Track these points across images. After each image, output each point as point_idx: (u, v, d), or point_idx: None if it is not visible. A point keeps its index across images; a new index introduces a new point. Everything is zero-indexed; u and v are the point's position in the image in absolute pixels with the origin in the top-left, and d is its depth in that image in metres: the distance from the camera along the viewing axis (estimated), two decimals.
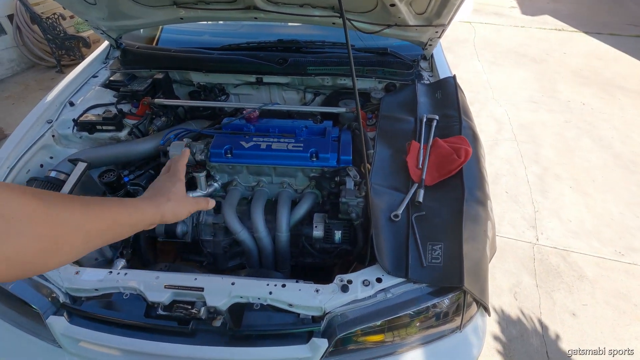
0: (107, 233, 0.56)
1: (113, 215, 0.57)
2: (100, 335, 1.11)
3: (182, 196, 0.74)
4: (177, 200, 0.72)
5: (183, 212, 0.73)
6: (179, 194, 0.74)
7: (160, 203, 0.69)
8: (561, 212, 2.61)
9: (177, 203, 0.72)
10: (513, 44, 5.35)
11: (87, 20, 1.84)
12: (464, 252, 1.14)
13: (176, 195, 0.73)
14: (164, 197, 0.71)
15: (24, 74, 4.71)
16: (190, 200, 0.77)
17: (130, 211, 0.61)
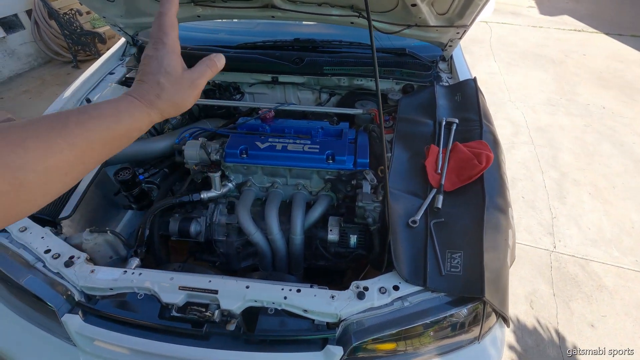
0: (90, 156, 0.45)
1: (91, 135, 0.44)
2: (115, 335, 1.10)
3: (176, 77, 0.52)
4: (177, 87, 0.52)
5: (189, 99, 0.54)
6: (172, 75, 0.52)
7: (155, 100, 0.50)
8: (580, 219, 2.53)
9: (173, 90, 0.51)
10: (531, 44, 5.23)
11: (105, 17, 1.84)
12: (485, 261, 1.11)
13: (169, 79, 0.51)
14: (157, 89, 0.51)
15: (41, 69, 4.78)
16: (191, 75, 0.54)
17: (123, 121, 0.47)
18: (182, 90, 0.52)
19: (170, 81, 0.51)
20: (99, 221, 1.57)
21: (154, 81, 0.51)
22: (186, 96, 0.53)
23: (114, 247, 1.38)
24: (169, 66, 0.51)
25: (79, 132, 0.43)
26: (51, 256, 1.21)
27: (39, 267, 1.21)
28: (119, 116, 0.47)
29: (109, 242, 1.36)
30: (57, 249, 1.23)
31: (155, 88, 0.51)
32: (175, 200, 1.47)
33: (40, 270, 1.20)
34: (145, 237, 1.45)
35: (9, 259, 1.24)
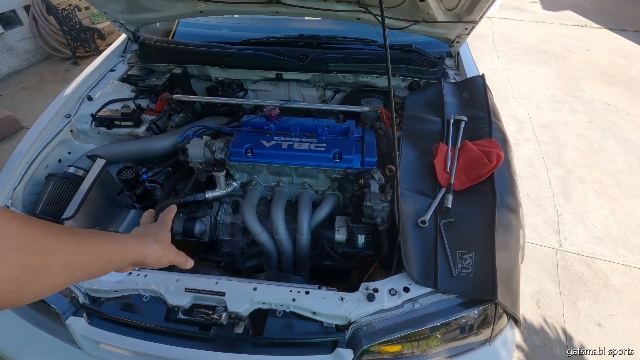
0: (91, 267, 0.54)
1: (99, 249, 0.55)
2: (120, 337, 1.09)
3: (167, 243, 0.75)
4: (163, 244, 0.72)
5: (165, 259, 0.72)
6: (165, 240, 0.74)
7: (148, 242, 0.68)
8: (585, 217, 2.52)
9: (162, 247, 0.71)
10: (534, 40, 5.19)
11: (105, 13, 1.80)
12: (497, 262, 1.09)
13: (162, 240, 0.73)
14: (150, 237, 0.70)
15: (40, 65, 4.74)
16: (174, 250, 0.76)
17: (116, 247, 0.60)
18: (165, 252, 0.72)
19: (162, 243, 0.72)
20: (102, 221, 1.55)
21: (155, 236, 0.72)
22: (166, 256, 0.72)
23: None
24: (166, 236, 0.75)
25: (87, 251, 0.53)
26: None
27: None
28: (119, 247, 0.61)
29: None
30: None
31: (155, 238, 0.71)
32: (180, 200, 1.45)
33: None
34: None
35: None
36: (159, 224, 0.79)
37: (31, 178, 1.46)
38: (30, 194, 1.46)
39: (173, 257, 0.75)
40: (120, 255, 0.60)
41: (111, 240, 0.59)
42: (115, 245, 0.60)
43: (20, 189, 1.41)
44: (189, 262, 0.81)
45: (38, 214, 1.37)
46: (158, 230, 0.75)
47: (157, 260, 0.69)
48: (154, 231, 0.74)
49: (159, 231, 0.75)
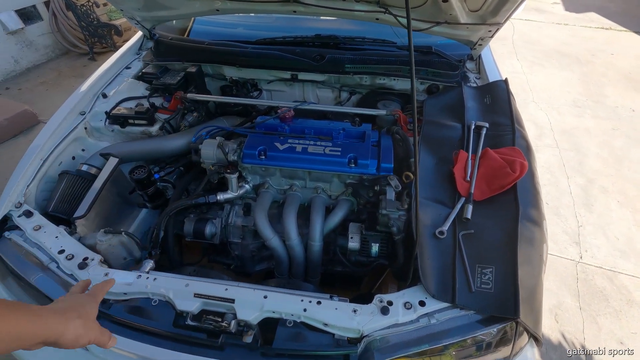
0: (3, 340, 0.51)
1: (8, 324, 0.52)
2: (128, 341, 1.07)
3: (92, 319, 0.69)
4: (86, 321, 0.67)
5: (86, 337, 0.66)
6: (90, 316, 0.69)
7: (69, 318, 0.63)
8: (607, 229, 2.42)
9: (84, 324, 0.66)
10: (555, 42, 5.04)
11: (122, 10, 1.80)
12: (519, 278, 1.04)
13: (87, 316, 0.68)
14: (74, 312, 0.65)
15: (58, 60, 4.81)
16: (97, 327, 0.71)
17: (29, 322, 0.55)
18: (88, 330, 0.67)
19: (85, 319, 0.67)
20: (113, 219, 1.54)
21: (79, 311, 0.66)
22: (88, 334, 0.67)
23: (128, 249, 1.35)
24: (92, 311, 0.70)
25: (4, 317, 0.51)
26: (65, 257, 1.18)
27: (53, 268, 1.18)
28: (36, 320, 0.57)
29: (123, 243, 1.32)
30: (71, 249, 1.20)
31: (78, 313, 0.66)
32: (191, 201, 1.43)
33: (54, 272, 1.17)
34: (160, 239, 1.41)
35: (23, 259, 1.22)
36: (87, 296, 0.73)
37: (45, 175, 1.46)
38: (43, 191, 1.45)
39: (94, 335, 0.69)
40: (33, 330, 0.56)
41: (25, 314, 0.55)
42: (29, 320, 0.56)
43: (33, 186, 1.41)
44: (111, 341, 0.75)
45: (50, 211, 1.37)
46: (84, 303, 0.70)
47: (75, 339, 0.64)
48: (79, 303, 0.69)
49: (85, 304, 0.69)
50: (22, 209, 1.31)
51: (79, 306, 0.68)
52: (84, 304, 0.69)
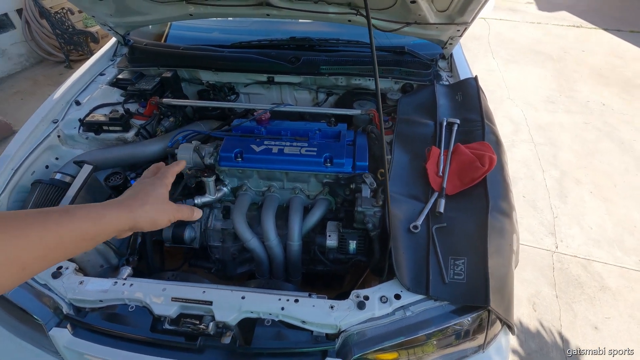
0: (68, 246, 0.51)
1: (74, 225, 0.51)
2: (105, 349, 1.06)
3: (162, 201, 0.67)
4: (156, 205, 0.65)
5: (162, 219, 0.66)
6: (159, 198, 0.67)
7: (134, 207, 0.62)
8: (581, 219, 2.50)
9: (155, 208, 0.64)
10: (529, 41, 5.19)
11: (94, 17, 1.78)
12: (490, 268, 1.07)
13: (156, 200, 0.66)
14: (138, 200, 0.63)
15: (33, 69, 4.70)
16: (172, 206, 0.69)
17: (94, 219, 0.55)
18: (161, 212, 0.66)
19: (154, 204, 0.65)
20: None
21: (145, 198, 0.65)
22: (162, 216, 0.66)
23: (104, 256, 1.33)
24: (160, 194, 0.68)
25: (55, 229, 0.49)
26: None
27: None
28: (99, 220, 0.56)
29: (99, 250, 1.31)
30: None
31: (144, 200, 0.64)
32: None
33: (27, 282, 1.15)
34: (138, 245, 1.40)
35: None
36: (154, 181, 0.70)
37: (17, 185, 1.43)
38: (15, 202, 1.43)
39: (172, 214, 0.68)
40: (100, 228, 0.55)
41: (87, 214, 0.54)
42: (92, 218, 0.55)
43: (4, 196, 1.38)
44: (195, 212, 0.75)
45: None
46: (150, 190, 0.67)
47: (152, 224, 0.64)
48: (144, 192, 0.66)
49: (151, 190, 0.67)
50: None
51: (144, 193, 0.65)
52: (149, 190, 0.67)
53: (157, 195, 0.67)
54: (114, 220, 0.58)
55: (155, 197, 0.66)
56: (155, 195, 0.66)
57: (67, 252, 0.52)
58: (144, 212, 0.62)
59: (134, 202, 0.63)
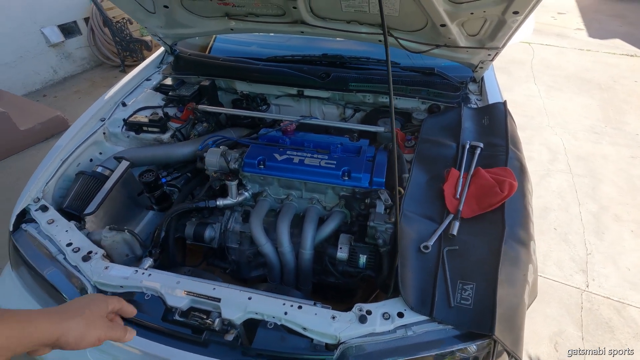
0: None
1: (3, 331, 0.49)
2: None
3: (96, 316, 0.64)
4: (88, 319, 0.62)
5: (91, 336, 0.62)
6: (94, 313, 0.64)
7: (64, 318, 0.59)
8: (618, 258, 2.33)
9: (86, 322, 0.61)
10: (576, 68, 4.98)
11: (147, 27, 1.96)
12: (498, 296, 1.05)
13: (90, 314, 0.63)
14: (73, 311, 0.61)
15: (92, 72, 5.15)
16: (105, 324, 0.66)
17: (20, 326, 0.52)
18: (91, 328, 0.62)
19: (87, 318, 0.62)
20: (121, 219, 1.64)
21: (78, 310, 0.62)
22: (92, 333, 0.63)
23: (131, 246, 1.44)
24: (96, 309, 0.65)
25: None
26: (72, 249, 1.27)
27: (60, 259, 1.27)
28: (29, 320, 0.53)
29: (126, 240, 1.41)
30: (78, 243, 1.30)
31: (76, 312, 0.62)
32: (192, 205, 1.51)
33: (61, 262, 1.27)
34: (161, 239, 1.50)
35: (35, 249, 1.32)
36: (96, 296, 0.69)
37: (63, 174, 1.59)
38: (61, 189, 1.58)
39: (103, 331, 0.64)
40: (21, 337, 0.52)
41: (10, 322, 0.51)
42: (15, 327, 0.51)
43: (52, 183, 1.53)
44: (128, 333, 0.71)
45: (64, 207, 1.48)
46: (90, 301, 0.65)
47: (79, 339, 0.59)
48: (82, 303, 0.64)
49: (88, 304, 0.64)
50: (39, 203, 1.42)
51: (81, 305, 0.63)
52: (88, 303, 0.65)
53: (93, 310, 0.64)
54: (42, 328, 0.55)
55: (91, 311, 0.64)
56: (91, 310, 0.64)
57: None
58: (72, 325, 0.59)
59: (67, 312, 0.61)
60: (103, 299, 0.69)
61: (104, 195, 1.48)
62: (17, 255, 1.36)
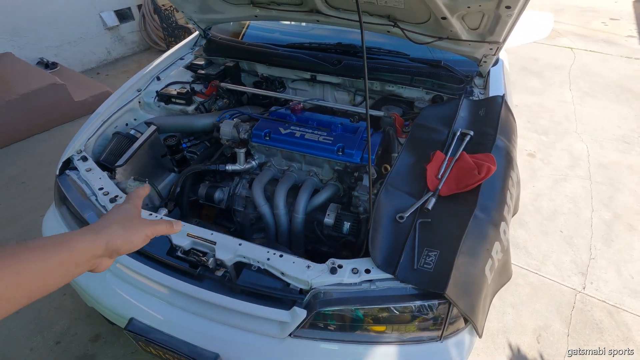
0: (28, 284, 0.46)
1: (31, 258, 0.47)
2: (132, 260, 1.36)
3: (131, 218, 0.64)
4: (127, 224, 0.61)
5: (136, 237, 0.62)
6: (128, 217, 0.63)
7: (100, 229, 0.58)
8: (623, 266, 2.29)
9: (124, 226, 0.61)
10: (618, 76, 4.74)
11: (183, 12, 2.20)
12: (456, 262, 1.15)
13: (124, 218, 0.62)
14: (104, 222, 0.60)
15: (140, 54, 5.60)
16: (146, 222, 0.65)
17: (55, 248, 0.50)
18: (132, 230, 0.62)
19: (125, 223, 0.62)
20: (146, 176, 1.86)
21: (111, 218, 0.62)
22: (138, 234, 0.62)
23: (150, 196, 1.67)
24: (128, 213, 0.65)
25: (10, 264, 0.45)
26: (102, 193, 1.52)
27: (92, 199, 1.52)
28: (60, 247, 0.51)
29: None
30: (108, 188, 1.54)
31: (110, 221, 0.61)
32: (204, 167, 1.73)
33: (92, 202, 1.52)
34: (176, 194, 1.72)
35: (74, 190, 1.59)
36: (121, 204, 0.68)
37: (103, 133, 1.85)
38: (99, 145, 1.85)
39: (147, 229, 0.64)
40: (61, 259, 0.50)
41: (45, 245, 0.49)
42: (59, 250, 0.50)
43: (93, 139, 1.80)
44: (175, 225, 0.72)
45: (101, 160, 1.74)
46: (116, 211, 0.64)
47: (126, 242, 0.60)
48: (111, 213, 0.64)
49: (117, 211, 0.64)
50: (81, 154, 1.69)
51: (110, 215, 0.63)
52: (115, 211, 0.64)
53: (125, 214, 0.64)
54: (80, 245, 0.53)
55: (124, 216, 0.63)
56: (123, 215, 0.63)
57: (31, 291, 0.47)
58: (112, 232, 0.58)
59: (99, 224, 0.59)
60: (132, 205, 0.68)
61: (132, 151, 1.72)
62: (60, 195, 1.64)
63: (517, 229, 2.55)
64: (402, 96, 2.02)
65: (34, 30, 4.47)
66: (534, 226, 2.56)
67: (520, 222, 2.59)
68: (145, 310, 1.36)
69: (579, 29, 6.33)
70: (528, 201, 2.77)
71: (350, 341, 1.23)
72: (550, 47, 5.58)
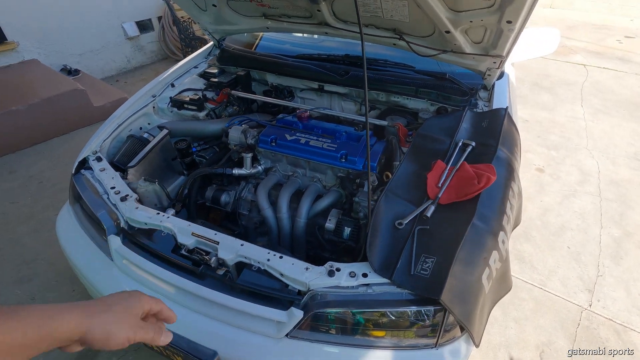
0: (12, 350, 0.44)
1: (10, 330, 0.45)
2: (139, 257, 1.41)
3: (128, 314, 0.57)
4: (117, 316, 0.55)
5: (119, 335, 0.55)
6: (127, 310, 0.57)
7: (91, 313, 0.53)
8: (632, 285, 2.24)
9: (115, 319, 0.55)
10: (632, 93, 4.69)
11: (199, 23, 2.30)
12: (453, 269, 1.16)
13: (121, 310, 0.56)
14: (100, 305, 0.55)
15: (158, 64, 5.80)
16: (138, 323, 0.58)
17: (43, 321, 0.48)
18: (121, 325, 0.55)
19: (117, 313, 0.56)
20: (156, 177, 1.95)
21: (110, 304, 0.56)
22: (122, 329, 0.56)
23: (159, 197, 1.73)
24: (129, 306, 0.59)
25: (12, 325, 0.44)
26: (114, 192, 1.58)
27: (104, 197, 1.59)
28: (51, 316, 0.49)
29: (156, 191, 1.71)
30: (119, 187, 1.61)
31: (107, 307, 0.56)
32: (211, 170, 1.78)
33: (104, 200, 1.59)
34: (184, 196, 1.78)
35: (88, 189, 1.66)
36: (131, 293, 0.61)
37: (117, 136, 1.94)
38: (114, 147, 1.93)
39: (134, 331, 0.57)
40: (47, 330, 0.48)
41: (33, 314, 0.47)
42: (42, 319, 0.47)
43: (108, 142, 1.88)
44: (163, 336, 0.63)
45: (115, 161, 1.82)
46: (123, 297, 0.58)
47: (107, 333, 0.53)
48: (115, 298, 0.58)
49: (123, 298, 0.58)
50: (96, 155, 1.77)
51: (111, 300, 0.57)
52: (121, 298, 0.58)
53: (125, 306, 0.57)
54: (63, 324, 0.49)
55: (122, 308, 0.57)
56: (123, 306, 0.57)
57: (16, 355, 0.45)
58: (101, 320, 0.53)
59: (94, 306, 0.54)
60: (139, 297, 0.61)
61: (144, 153, 1.79)
62: (74, 193, 1.71)
63: (523, 243, 2.52)
64: (408, 107, 2.06)
65: (60, 39, 4.71)
66: (540, 241, 2.53)
67: (526, 237, 2.56)
68: None
69: (593, 46, 6.30)
70: (535, 216, 2.75)
71: (346, 344, 1.24)
72: (562, 64, 5.57)
